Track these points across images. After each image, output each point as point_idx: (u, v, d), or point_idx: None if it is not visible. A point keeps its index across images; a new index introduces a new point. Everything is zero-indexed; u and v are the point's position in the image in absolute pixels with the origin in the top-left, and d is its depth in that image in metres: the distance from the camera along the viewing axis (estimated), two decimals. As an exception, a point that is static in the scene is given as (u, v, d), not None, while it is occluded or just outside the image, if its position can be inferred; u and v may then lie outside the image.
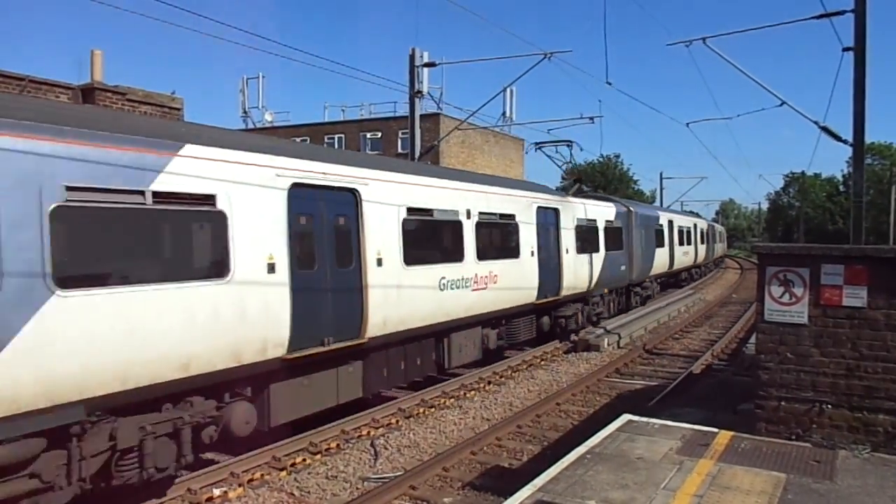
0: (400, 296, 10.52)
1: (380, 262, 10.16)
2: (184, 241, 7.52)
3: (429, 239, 11.89)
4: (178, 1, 11.74)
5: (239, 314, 7.63)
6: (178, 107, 15.50)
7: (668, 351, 17.18)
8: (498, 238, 14.28)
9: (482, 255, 13.15)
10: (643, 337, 18.90)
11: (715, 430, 7.06)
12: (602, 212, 20.47)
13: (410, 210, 11.03)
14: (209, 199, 7.45)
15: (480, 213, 13.26)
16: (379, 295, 10.02)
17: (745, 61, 35.07)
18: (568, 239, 17.30)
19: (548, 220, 16.46)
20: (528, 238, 15.18)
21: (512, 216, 14.65)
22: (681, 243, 33.03)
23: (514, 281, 14.38)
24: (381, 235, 10.26)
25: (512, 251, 14.58)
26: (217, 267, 7.54)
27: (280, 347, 8.21)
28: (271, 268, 8.16)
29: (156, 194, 6.86)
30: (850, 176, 39.19)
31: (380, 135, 39.76)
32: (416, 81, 21.53)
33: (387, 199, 10.52)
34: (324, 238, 9.30)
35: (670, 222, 30.89)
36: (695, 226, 38.79)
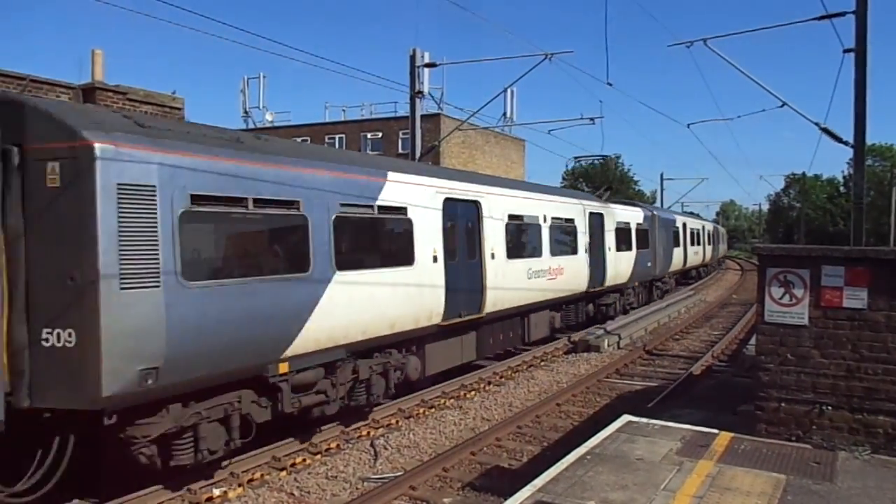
0: (504, 282, 13.54)
1: (493, 256, 13.17)
2: (393, 239, 10.64)
3: (521, 238, 14.99)
4: (178, 0, 11.77)
5: (419, 291, 10.67)
6: (178, 106, 15.49)
7: (669, 352, 17.18)
8: (563, 238, 17.24)
9: (553, 251, 16.22)
10: (643, 338, 18.90)
11: (715, 431, 7.07)
12: (633, 215, 23.71)
13: (510, 216, 14.12)
14: (403, 210, 10.51)
15: (552, 219, 16.45)
16: (492, 281, 12.98)
17: (747, 62, 35.15)
18: (610, 239, 20.43)
19: (595, 224, 19.47)
20: (582, 238, 18.27)
21: (572, 220, 17.79)
22: (692, 244, 36.39)
23: (574, 273, 17.54)
24: (493, 235, 13.29)
25: (572, 249, 17.71)
26: (408, 257, 10.56)
27: (438, 316, 11.26)
28: (435, 259, 11.22)
29: (379, 208, 9.90)
30: (850, 177, 39.24)
31: (380, 135, 39.78)
32: (416, 82, 21.52)
33: (496, 208, 13.59)
34: (461, 237, 12.42)
35: (684, 225, 34.11)
36: (703, 227, 42.35)
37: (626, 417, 7.62)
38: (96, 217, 6.03)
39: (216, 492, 7.56)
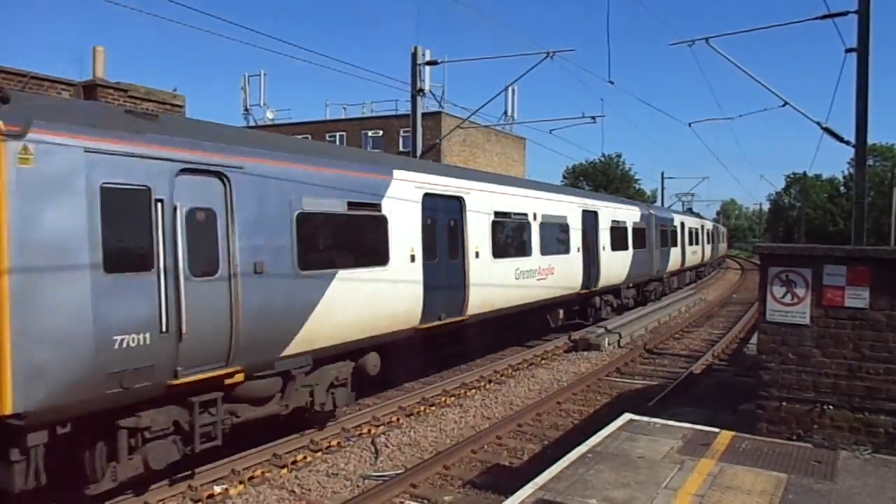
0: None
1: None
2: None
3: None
4: (180, -2, 11.75)
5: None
6: (179, 104, 15.49)
7: (669, 351, 17.18)
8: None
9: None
10: (644, 336, 18.90)
11: (716, 429, 7.07)
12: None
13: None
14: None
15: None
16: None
17: (748, 61, 35.19)
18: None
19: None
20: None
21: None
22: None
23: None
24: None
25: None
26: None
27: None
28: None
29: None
30: (851, 177, 39.21)
31: (381, 133, 39.75)
32: (417, 80, 21.50)
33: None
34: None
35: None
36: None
37: (627, 416, 7.62)
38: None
39: (217, 489, 7.58)
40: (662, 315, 22.30)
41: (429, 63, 21.74)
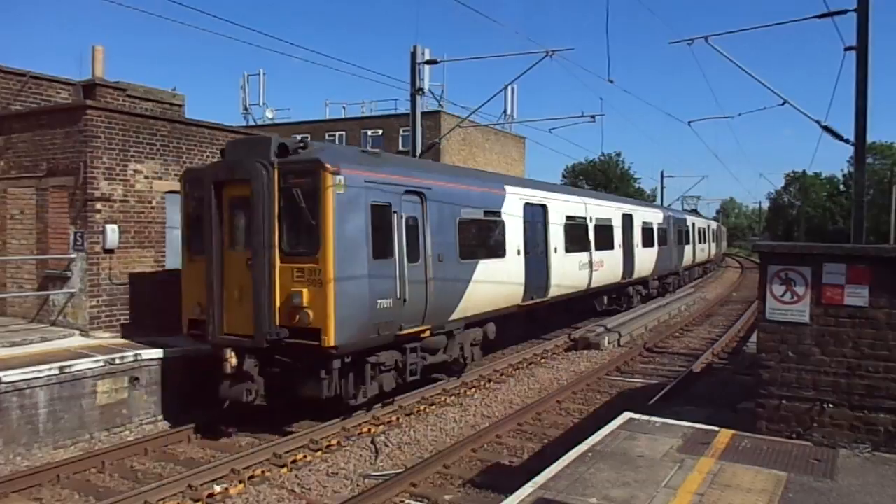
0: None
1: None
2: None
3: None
4: (180, -3, 11.80)
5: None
6: (179, 103, 15.50)
7: (669, 349, 17.19)
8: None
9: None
10: (643, 335, 18.90)
11: (716, 428, 7.07)
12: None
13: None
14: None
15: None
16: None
17: (748, 60, 35.25)
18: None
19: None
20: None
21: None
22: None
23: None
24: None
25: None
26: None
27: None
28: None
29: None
30: (850, 175, 39.35)
31: (381, 132, 39.71)
32: (417, 79, 21.48)
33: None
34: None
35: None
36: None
37: (627, 415, 7.63)
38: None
39: (217, 488, 7.58)
40: (662, 314, 22.31)
41: (428, 62, 21.72)
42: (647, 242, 24.69)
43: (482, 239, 13.15)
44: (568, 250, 17.05)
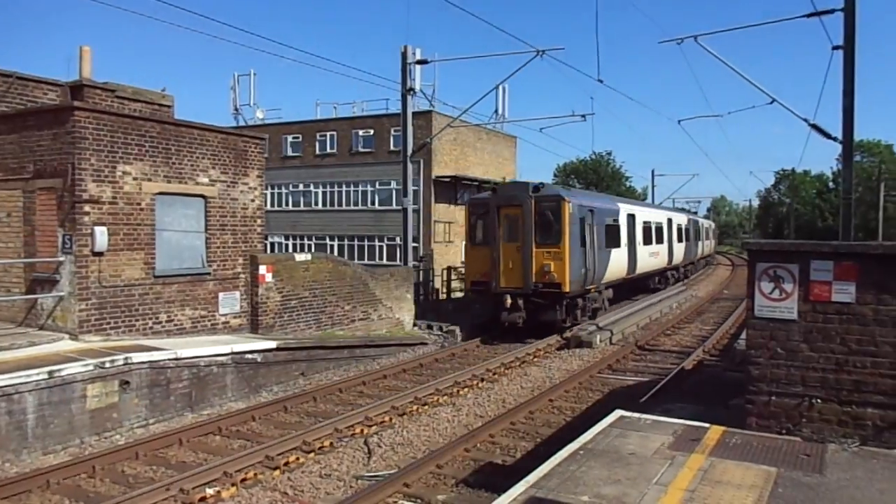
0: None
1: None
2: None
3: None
4: (168, -2, 11.77)
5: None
6: (168, 104, 15.40)
7: (660, 347, 17.25)
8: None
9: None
10: (635, 333, 18.97)
11: (706, 425, 7.11)
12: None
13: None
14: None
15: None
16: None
17: (736, 59, 35.54)
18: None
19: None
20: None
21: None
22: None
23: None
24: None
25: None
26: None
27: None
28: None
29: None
30: (839, 173, 39.66)
31: (372, 132, 39.63)
32: (408, 79, 21.49)
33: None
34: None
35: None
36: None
37: (618, 412, 7.66)
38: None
39: (209, 491, 7.55)
40: (653, 311, 22.41)
41: (419, 62, 21.73)
42: (679, 239, 33.48)
43: (611, 236, 21.12)
44: (644, 244, 25.46)
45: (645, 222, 25.87)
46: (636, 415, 7.63)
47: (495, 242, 17.59)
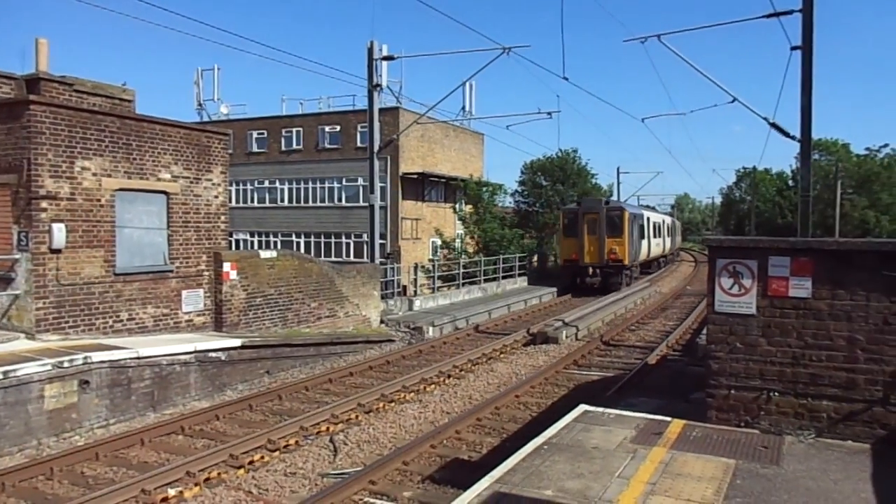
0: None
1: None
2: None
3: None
4: (128, -10, 11.54)
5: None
6: (129, 98, 15.06)
7: (625, 342, 17.51)
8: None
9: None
10: (600, 329, 19.21)
11: (668, 418, 7.23)
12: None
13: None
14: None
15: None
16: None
17: (699, 58, 36.51)
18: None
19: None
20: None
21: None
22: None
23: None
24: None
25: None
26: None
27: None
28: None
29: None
30: (798, 171, 40.82)
31: (339, 128, 39.34)
32: (374, 75, 21.37)
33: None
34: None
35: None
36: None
37: (582, 407, 7.74)
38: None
39: (171, 492, 7.43)
40: (619, 308, 22.72)
41: (385, 58, 21.64)
42: (668, 234, 45.85)
43: (642, 233, 32.89)
44: (653, 237, 37.09)
45: (654, 223, 38.99)
46: (600, 409, 7.73)
47: (581, 235, 29.28)
